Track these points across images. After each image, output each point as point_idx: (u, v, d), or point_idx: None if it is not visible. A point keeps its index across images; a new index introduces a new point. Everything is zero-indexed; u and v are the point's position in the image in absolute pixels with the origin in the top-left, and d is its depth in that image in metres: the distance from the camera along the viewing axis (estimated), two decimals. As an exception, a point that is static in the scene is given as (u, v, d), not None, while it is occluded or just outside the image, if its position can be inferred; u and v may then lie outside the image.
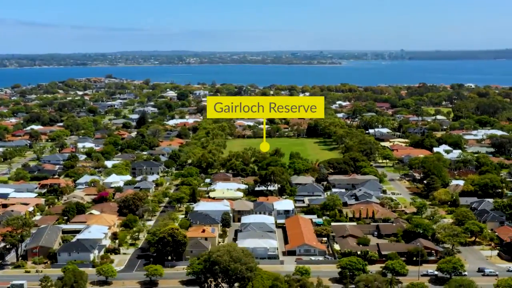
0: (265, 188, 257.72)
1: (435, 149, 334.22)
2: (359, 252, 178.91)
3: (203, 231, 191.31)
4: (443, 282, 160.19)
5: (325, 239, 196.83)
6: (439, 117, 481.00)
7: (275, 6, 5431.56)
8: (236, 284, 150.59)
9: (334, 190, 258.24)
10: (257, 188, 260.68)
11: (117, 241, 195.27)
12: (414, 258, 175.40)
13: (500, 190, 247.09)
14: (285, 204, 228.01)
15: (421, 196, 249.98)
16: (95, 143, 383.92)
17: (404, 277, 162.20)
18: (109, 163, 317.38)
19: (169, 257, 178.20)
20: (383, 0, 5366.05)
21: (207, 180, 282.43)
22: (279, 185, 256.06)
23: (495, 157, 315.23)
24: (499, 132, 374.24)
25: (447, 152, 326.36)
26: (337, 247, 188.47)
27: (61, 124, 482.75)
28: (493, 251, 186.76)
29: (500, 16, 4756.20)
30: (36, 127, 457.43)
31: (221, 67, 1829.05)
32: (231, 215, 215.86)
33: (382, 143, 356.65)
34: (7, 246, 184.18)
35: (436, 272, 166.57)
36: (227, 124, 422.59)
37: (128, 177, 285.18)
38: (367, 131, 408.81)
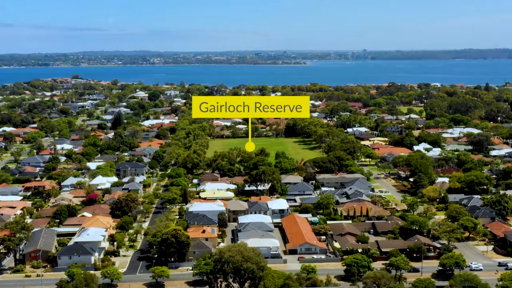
0: (255, 188, 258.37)
1: (415, 148, 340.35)
2: (360, 250, 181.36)
3: (203, 231, 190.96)
4: (445, 277, 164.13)
5: (323, 237, 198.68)
6: (413, 116, 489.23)
7: (238, 7, 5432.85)
8: (246, 284, 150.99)
9: (323, 189, 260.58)
10: (247, 188, 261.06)
11: (115, 243, 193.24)
12: (415, 255, 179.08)
13: (485, 187, 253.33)
14: (279, 203, 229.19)
15: (409, 194, 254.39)
16: (73, 145, 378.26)
17: (408, 273, 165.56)
18: (91, 165, 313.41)
19: (172, 259, 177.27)
20: (344, 0, 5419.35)
21: (195, 181, 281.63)
22: (269, 185, 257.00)
23: (474, 154, 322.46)
24: (475, 131, 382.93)
25: (427, 150, 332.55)
26: (336, 245, 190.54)
27: (34, 125, 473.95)
28: (488, 246, 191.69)
29: (457, 18, 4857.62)
30: (8, 129, 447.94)
31: (187, 67, 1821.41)
32: (226, 215, 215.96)
33: (362, 142, 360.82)
34: (3, 251, 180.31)
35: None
36: (207, 125, 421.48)
37: (114, 179, 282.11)
38: (345, 131, 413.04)
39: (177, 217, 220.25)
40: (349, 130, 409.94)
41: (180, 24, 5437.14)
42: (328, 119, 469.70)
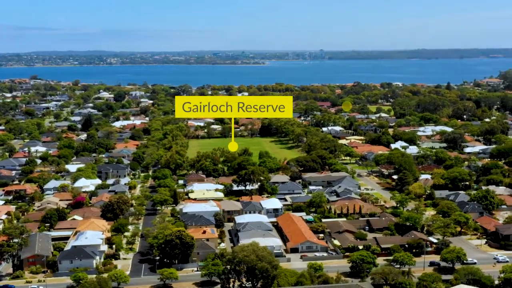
0: (244, 188, 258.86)
1: (392, 146, 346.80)
2: (361, 247, 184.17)
3: (204, 232, 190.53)
4: (446, 272, 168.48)
5: (321, 235, 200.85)
6: (383, 114, 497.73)
7: (194, 6, 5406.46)
8: (258, 283, 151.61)
9: (311, 187, 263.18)
10: (235, 188, 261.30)
11: (114, 246, 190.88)
12: (414, 250, 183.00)
13: (467, 183, 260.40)
14: (273, 203, 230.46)
15: (394, 191, 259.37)
16: (45, 147, 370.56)
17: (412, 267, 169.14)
18: (70, 167, 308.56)
19: (175, 260, 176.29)
20: (300, 1, 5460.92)
21: (180, 182, 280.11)
22: (257, 185, 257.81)
23: (449, 151, 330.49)
24: (448, 129, 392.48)
25: (404, 148, 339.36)
26: (336, 242, 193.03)
27: (1, 127, 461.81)
28: (481, 240, 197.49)
29: (410, 18, 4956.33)
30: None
31: (145, 67, 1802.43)
32: (222, 215, 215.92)
33: (339, 141, 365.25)
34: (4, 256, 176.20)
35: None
36: (184, 125, 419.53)
37: (98, 181, 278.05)
38: (321, 130, 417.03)
39: (170, 218, 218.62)
40: (324, 129, 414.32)
41: (136, 24, 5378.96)
42: (303, 118, 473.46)
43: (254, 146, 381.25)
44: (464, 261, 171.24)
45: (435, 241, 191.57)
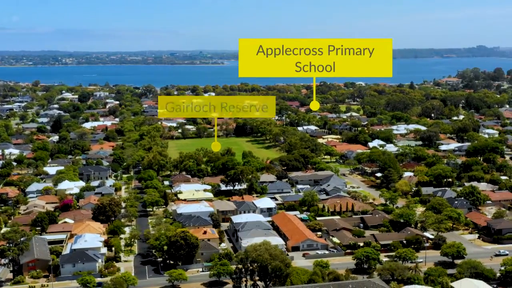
0: (232, 188, 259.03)
1: (370, 144, 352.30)
2: (361, 244, 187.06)
3: (205, 232, 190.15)
4: (447, 266, 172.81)
5: (319, 233, 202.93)
6: (354, 114, 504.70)
7: (150, 6, 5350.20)
8: (270, 282, 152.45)
9: (298, 186, 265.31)
10: (224, 188, 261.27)
11: (113, 248, 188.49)
12: (413, 246, 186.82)
13: (450, 180, 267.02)
14: (266, 202, 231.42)
15: (379, 188, 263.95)
16: (19, 149, 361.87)
17: (413, 263, 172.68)
18: (49, 169, 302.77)
19: (179, 262, 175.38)
20: (257, 0, 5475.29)
21: (166, 183, 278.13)
22: (246, 184, 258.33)
23: (426, 149, 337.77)
24: (422, 127, 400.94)
25: (382, 146, 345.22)
26: (335, 240, 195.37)
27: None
28: (474, 235, 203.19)
29: (367, 19, 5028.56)
30: None
31: (102, 68, 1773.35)
32: (218, 215, 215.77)
33: (318, 140, 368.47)
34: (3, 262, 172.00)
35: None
36: (161, 126, 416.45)
37: (81, 183, 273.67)
38: (298, 129, 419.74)
39: (168, 219, 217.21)
40: (300, 128, 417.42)
41: (90, 24, 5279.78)
42: (277, 118, 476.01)
43: (231, 146, 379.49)
44: (464, 256, 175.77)
45: (431, 236, 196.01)
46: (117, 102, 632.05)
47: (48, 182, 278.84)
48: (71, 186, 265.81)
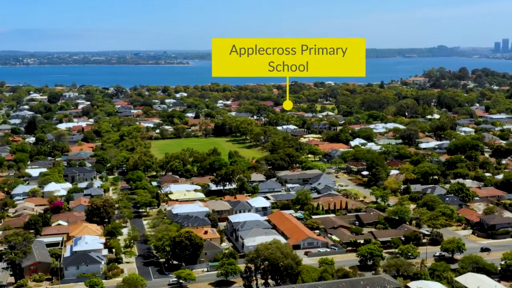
0: (223, 188, 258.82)
1: (352, 143, 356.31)
2: (361, 241, 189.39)
3: (206, 232, 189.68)
4: (447, 261, 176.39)
5: (317, 231, 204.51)
6: (330, 113, 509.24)
7: (112, 5, 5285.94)
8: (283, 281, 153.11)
9: (288, 185, 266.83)
10: (214, 188, 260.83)
11: (113, 250, 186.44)
12: (411, 242, 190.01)
13: (436, 177, 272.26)
14: (260, 201, 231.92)
15: (367, 187, 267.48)
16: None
17: (413, 259, 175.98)
18: (32, 171, 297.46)
19: (183, 262, 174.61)
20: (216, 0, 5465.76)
21: (154, 183, 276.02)
22: (236, 184, 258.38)
23: (407, 148, 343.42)
24: (399, 125, 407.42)
25: (363, 145, 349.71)
26: (334, 238, 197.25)
27: None
28: (468, 231, 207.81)
29: (328, 18, 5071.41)
30: None
31: (66, 68, 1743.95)
32: (215, 215, 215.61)
33: (300, 139, 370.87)
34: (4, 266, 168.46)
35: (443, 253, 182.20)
36: (140, 126, 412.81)
37: (68, 185, 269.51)
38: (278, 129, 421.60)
39: (166, 220, 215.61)
40: (279, 128, 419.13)
41: (51, 23, 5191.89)
42: (256, 118, 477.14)
43: (212, 146, 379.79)
44: (464, 250, 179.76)
45: (427, 233, 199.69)
46: (88, 103, 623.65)
47: (32, 184, 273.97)
48: (58, 188, 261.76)
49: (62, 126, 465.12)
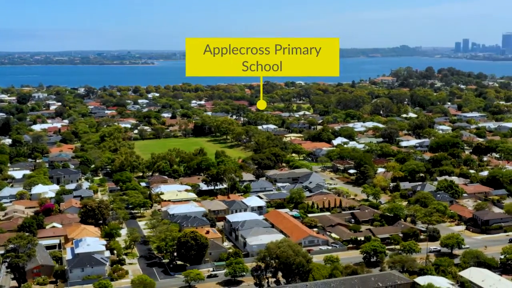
0: (213, 188, 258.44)
1: (334, 142, 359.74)
2: (362, 238, 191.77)
3: (207, 232, 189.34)
4: (447, 256, 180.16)
5: (315, 229, 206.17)
6: (306, 113, 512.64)
7: (72, 4, 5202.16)
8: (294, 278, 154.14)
9: (278, 184, 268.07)
10: (205, 188, 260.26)
11: (115, 251, 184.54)
12: (410, 239, 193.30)
13: (423, 175, 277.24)
14: (255, 200, 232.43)
15: (356, 185, 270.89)
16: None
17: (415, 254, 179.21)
18: (15, 173, 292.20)
19: (187, 263, 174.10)
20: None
21: (143, 184, 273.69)
22: (227, 184, 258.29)
23: (390, 146, 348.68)
24: (377, 124, 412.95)
25: (345, 143, 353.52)
26: (334, 235, 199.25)
27: None
28: (461, 226, 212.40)
29: (294, 19, 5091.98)
30: None
31: (28, 68, 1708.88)
32: (213, 215, 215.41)
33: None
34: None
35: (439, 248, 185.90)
36: (121, 127, 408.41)
37: (55, 187, 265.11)
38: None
39: (166, 220, 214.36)
40: (259, 127, 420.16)
41: (9, 23, 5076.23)
42: (235, 117, 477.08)
43: (193, 146, 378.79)
44: (463, 246, 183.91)
45: (423, 229, 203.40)
46: (60, 104, 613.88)
47: (16, 187, 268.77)
48: (46, 190, 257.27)
49: (37, 127, 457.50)
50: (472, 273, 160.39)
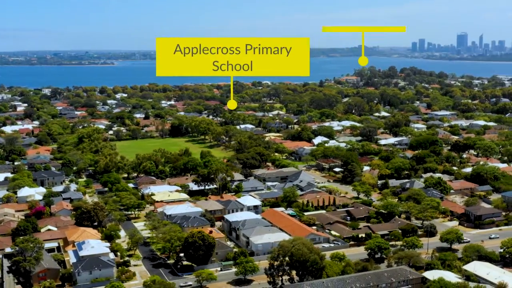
0: (204, 188, 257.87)
1: (314, 141, 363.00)
2: (363, 235, 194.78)
3: (211, 232, 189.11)
4: (445, 251, 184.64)
5: (314, 227, 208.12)
6: (280, 112, 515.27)
7: (28, 4, 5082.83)
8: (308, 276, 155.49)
9: (268, 183, 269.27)
10: (195, 188, 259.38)
11: (118, 253, 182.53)
12: (408, 235, 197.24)
13: (408, 172, 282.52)
14: (251, 200, 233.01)
15: (343, 183, 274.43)
16: None
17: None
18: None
19: (195, 262, 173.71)
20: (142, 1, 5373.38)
21: (131, 185, 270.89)
22: (218, 184, 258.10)
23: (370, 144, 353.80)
24: (353, 123, 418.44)
25: (325, 142, 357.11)
26: (334, 233, 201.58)
27: None
28: (454, 222, 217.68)
29: (239, 18, 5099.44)
30: None
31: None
32: (212, 215, 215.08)
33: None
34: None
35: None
36: (100, 128, 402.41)
37: (42, 189, 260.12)
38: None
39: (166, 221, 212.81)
40: (238, 127, 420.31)
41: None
42: (212, 117, 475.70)
43: (173, 146, 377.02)
44: (462, 241, 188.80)
45: (419, 225, 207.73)
46: (26, 105, 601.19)
47: (1, 189, 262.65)
48: (33, 193, 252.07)
49: (7, 129, 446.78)
50: (476, 267, 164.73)
